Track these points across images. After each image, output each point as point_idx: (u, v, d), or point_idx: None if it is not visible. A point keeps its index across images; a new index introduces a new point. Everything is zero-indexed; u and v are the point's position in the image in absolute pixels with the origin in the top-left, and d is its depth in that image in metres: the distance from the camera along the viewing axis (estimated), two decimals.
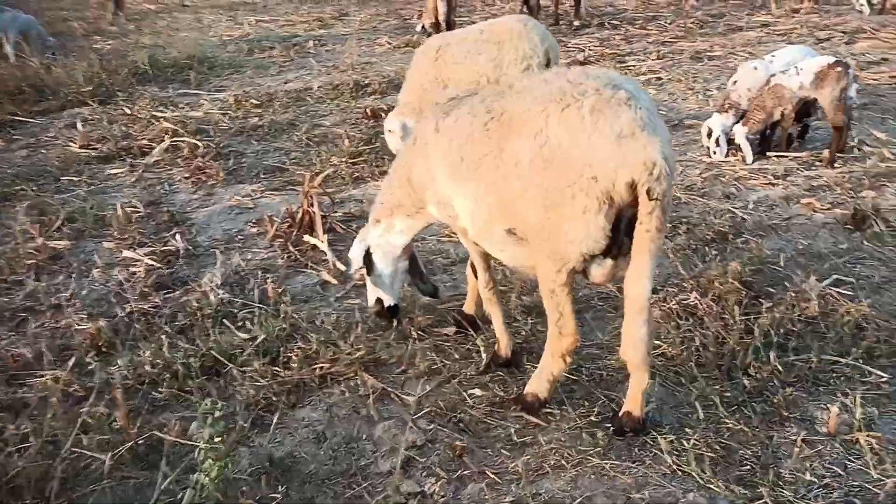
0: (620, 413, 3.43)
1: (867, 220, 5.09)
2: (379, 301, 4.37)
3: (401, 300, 4.46)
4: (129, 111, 9.22)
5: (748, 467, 3.20)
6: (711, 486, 3.08)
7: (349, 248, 5.37)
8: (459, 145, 3.57)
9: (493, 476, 3.24)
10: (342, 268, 5.08)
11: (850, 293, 4.28)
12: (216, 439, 2.89)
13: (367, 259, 4.25)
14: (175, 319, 4.58)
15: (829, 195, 5.74)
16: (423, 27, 12.72)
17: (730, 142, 6.63)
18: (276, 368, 4.00)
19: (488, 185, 3.43)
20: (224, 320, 4.47)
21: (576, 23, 13.27)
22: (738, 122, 6.54)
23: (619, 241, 3.21)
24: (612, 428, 3.44)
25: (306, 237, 5.56)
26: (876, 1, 12.13)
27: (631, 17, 13.78)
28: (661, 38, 11.87)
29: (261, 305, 4.63)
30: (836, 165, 6.21)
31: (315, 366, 3.99)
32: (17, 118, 9.12)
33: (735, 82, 6.61)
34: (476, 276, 4.15)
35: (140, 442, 3.48)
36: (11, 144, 8.31)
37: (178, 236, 5.62)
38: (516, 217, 3.36)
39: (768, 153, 6.58)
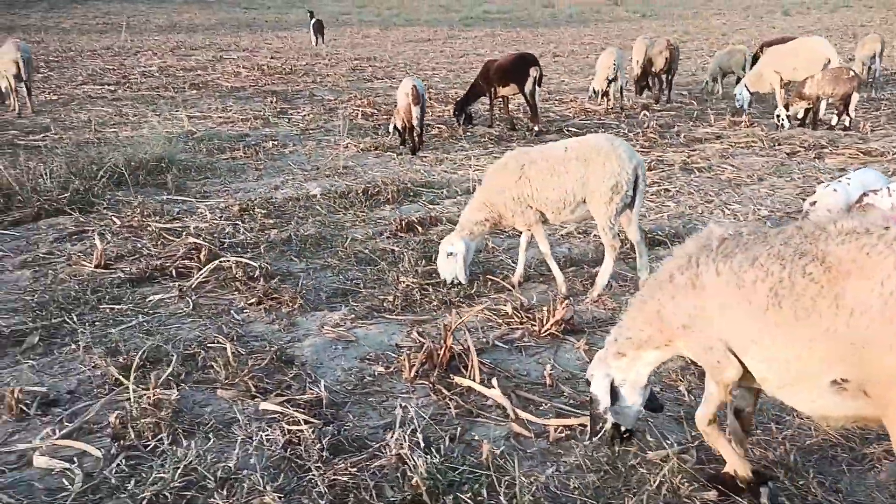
0: None
1: None
2: (616, 426, 4.14)
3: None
4: (118, 220, 8.25)
5: None
6: None
7: (506, 389, 4.99)
8: (772, 290, 3.35)
9: None
10: (528, 417, 4.61)
11: None
12: None
13: (613, 393, 4.05)
14: (382, 493, 3.91)
15: None
16: (394, 127, 12.50)
17: None
18: None
19: (823, 333, 3.22)
20: (458, 493, 3.87)
21: (535, 128, 13.53)
22: None
23: None
24: None
25: (458, 379, 5.02)
26: (797, 116, 13.33)
27: (581, 125, 14.25)
28: None
29: (479, 470, 4.06)
30: None
31: None
32: None
33: (814, 203, 6.84)
34: (743, 429, 3.90)
35: None
36: (3, 261, 7.13)
37: (321, 383, 4.90)
38: (860, 367, 3.15)
39: None
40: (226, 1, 57.28)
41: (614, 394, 4.05)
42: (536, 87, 13.82)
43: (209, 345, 5.53)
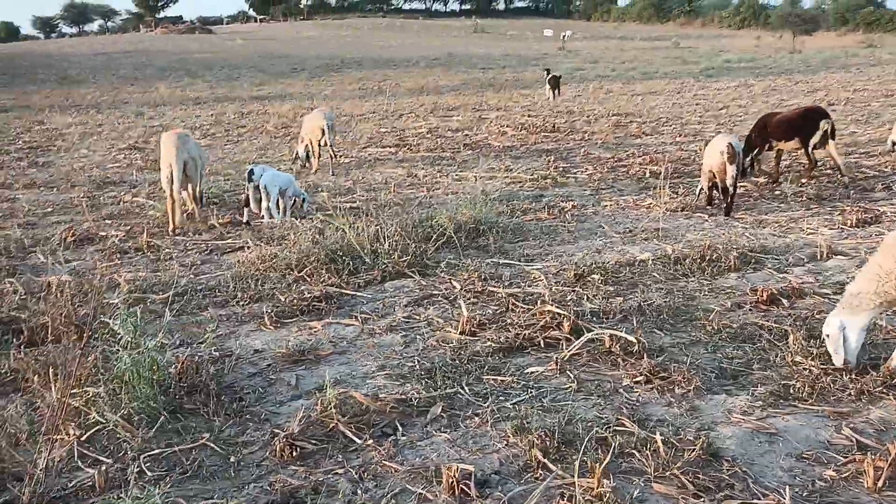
0: None
1: None
2: None
3: None
4: (457, 285, 8.27)
5: None
6: None
7: None
8: None
9: None
10: None
11: None
12: None
13: None
14: None
15: None
16: (700, 188, 11.85)
17: None
18: None
19: None
20: None
21: (805, 181, 12.67)
22: None
23: None
24: None
25: None
26: None
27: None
28: None
29: None
30: None
31: None
32: (343, 291, 8.24)
33: None
34: None
35: None
36: (368, 325, 7.32)
37: (785, 490, 4.33)
38: None
39: None
40: (465, 62, 59.70)
41: None
42: (831, 140, 12.78)
43: (616, 428, 5.16)
